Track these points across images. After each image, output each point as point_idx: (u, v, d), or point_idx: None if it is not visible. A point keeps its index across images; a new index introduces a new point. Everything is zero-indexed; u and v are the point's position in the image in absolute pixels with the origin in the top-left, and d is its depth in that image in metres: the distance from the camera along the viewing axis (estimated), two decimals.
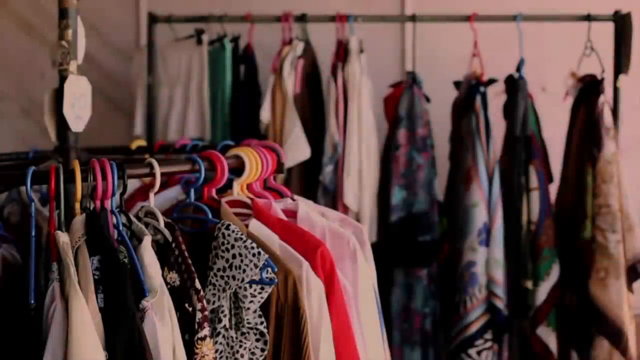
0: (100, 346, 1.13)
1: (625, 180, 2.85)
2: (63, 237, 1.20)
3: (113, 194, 1.28)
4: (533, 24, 3.06)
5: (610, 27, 2.99)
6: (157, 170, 1.36)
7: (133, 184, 1.97)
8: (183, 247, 1.29)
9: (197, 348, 1.23)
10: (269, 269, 1.30)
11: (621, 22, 2.96)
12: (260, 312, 1.31)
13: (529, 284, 2.89)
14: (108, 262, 1.21)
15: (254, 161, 1.54)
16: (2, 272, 1.30)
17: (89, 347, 1.11)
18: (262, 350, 1.31)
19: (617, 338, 2.77)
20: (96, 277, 1.19)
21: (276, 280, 1.31)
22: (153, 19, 3.17)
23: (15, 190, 1.79)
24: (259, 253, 1.30)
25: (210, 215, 1.43)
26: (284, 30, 3.08)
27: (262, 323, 1.31)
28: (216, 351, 1.28)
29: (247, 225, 1.44)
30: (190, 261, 1.28)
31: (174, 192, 1.84)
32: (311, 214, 1.55)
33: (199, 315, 1.24)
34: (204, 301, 1.25)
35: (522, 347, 2.96)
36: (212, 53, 3.19)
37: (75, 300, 1.13)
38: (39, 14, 3.66)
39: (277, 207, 1.52)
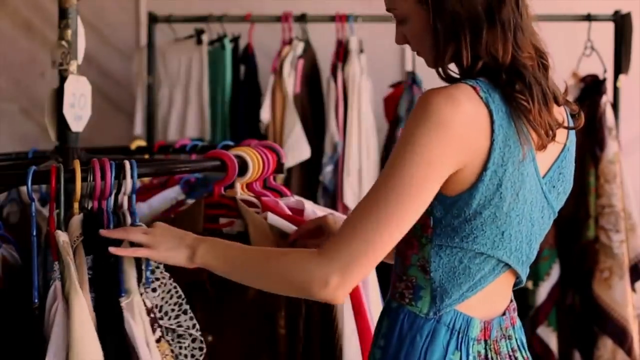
0: (99, 346, 1.13)
1: (627, 180, 2.85)
2: (63, 237, 1.21)
3: (110, 194, 1.28)
4: (533, 24, 3.05)
5: (610, 27, 2.99)
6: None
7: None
8: None
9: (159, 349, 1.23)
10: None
11: (621, 22, 2.95)
12: (192, 315, 1.30)
13: (529, 284, 2.89)
14: (99, 263, 1.22)
15: (256, 161, 1.54)
16: (2, 272, 1.30)
17: (90, 347, 1.11)
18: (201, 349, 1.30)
19: (621, 337, 2.77)
20: (89, 276, 1.20)
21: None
22: (153, 19, 3.17)
23: (14, 190, 1.79)
24: None
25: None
26: (284, 30, 3.08)
27: (194, 326, 1.30)
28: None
29: (265, 218, 1.46)
30: None
31: (174, 192, 1.84)
32: (317, 211, 1.56)
33: (148, 318, 1.23)
34: (147, 303, 1.24)
35: None
36: (212, 53, 3.19)
37: (76, 300, 1.13)
38: (39, 14, 3.66)
39: (284, 205, 1.53)
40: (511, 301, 1.28)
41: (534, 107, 1.14)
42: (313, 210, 1.57)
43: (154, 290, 1.27)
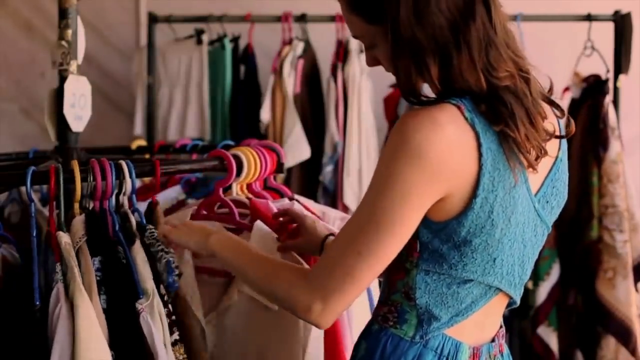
0: (107, 346, 1.13)
1: (629, 180, 2.85)
2: (65, 238, 1.20)
3: (111, 194, 1.28)
4: (533, 24, 3.05)
5: (610, 27, 2.99)
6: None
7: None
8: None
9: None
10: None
11: (621, 22, 2.95)
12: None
13: (529, 284, 2.88)
14: (110, 264, 1.21)
15: (252, 161, 1.54)
16: (2, 272, 1.30)
17: (96, 347, 1.11)
18: None
19: (625, 337, 2.77)
20: (98, 278, 1.19)
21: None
22: (153, 19, 3.17)
23: (15, 191, 1.80)
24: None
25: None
26: (284, 30, 3.08)
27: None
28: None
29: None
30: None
31: (175, 192, 1.85)
32: (307, 214, 1.55)
33: (167, 320, 1.23)
34: (169, 306, 1.24)
35: (522, 347, 2.96)
36: (212, 53, 3.19)
37: (81, 302, 1.13)
38: (39, 14, 3.66)
39: (274, 207, 1.52)
40: (500, 327, 1.22)
41: (520, 134, 1.05)
42: (302, 211, 1.56)
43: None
